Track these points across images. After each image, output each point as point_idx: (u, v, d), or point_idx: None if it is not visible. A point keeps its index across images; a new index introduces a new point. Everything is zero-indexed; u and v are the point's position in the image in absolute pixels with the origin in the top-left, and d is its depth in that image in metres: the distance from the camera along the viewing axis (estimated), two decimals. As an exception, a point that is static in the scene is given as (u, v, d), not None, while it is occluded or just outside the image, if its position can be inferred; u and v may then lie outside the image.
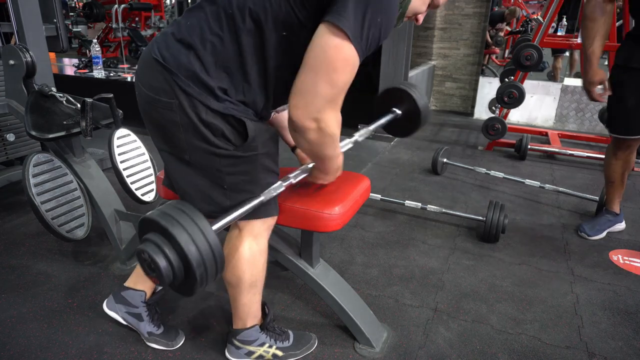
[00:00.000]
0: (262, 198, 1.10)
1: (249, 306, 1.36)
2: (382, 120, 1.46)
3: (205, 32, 0.98)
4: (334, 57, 0.90)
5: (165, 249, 0.86)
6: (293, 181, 1.18)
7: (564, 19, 4.98)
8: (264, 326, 1.41)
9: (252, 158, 1.09)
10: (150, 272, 0.89)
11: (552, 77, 5.07)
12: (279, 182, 1.15)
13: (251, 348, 1.40)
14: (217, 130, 1.03)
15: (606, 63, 3.84)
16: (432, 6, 1.10)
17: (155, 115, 1.07)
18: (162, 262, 0.86)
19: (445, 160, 3.20)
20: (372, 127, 1.42)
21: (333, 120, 0.99)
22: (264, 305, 1.43)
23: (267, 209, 1.20)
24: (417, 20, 1.10)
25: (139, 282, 1.47)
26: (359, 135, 1.34)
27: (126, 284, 1.48)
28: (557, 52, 5.04)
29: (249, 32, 0.97)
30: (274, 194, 1.14)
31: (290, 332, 1.49)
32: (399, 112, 1.50)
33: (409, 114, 1.50)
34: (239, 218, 1.06)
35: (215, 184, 1.12)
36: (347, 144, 1.30)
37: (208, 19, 0.98)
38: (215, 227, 0.96)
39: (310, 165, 1.23)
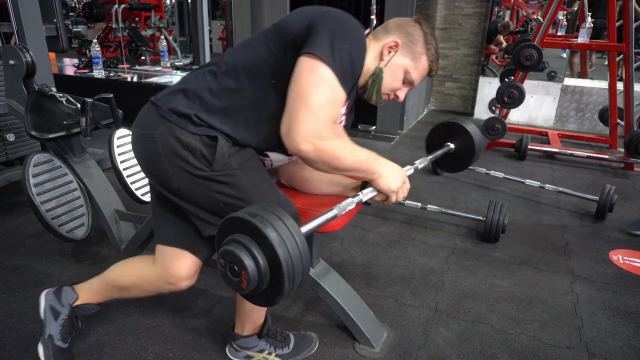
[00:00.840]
0: (335, 212, 1.01)
1: (250, 311, 1.35)
2: (439, 152, 1.45)
3: (199, 81, 1.08)
4: (310, 76, 0.97)
5: (254, 250, 0.78)
6: (363, 199, 1.11)
7: (564, 20, 4.97)
8: (261, 335, 1.41)
9: (229, 177, 1.06)
10: (233, 276, 0.80)
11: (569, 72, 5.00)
12: (350, 199, 1.08)
13: (250, 353, 1.40)
14: (195, 150, 1.04)
15: (606, 63, 3.84)
16: (407, 82, 1.16)
17: (141, 149, 1.11)
18: (249, 263, 0.77)
19: (445, 160, 3.20)
20: (430, 157, 1.41)
21: (326, 133, 0.99)
22: (266, 315, 1.41)
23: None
24: (397, 97, 1.18)
25: (82, 289, 1.39)
26: (419, 163, 1.33)
27: (74, 284, 1.41)
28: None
29: (239, 88, 1.05)
30: (347, 209, 1.06)
31: (292, 336, 1.48)
32: (452, 146, 1.48)
33: (462, 149, 1.48)
34: (325, 222, 1.00)
35: (212, 205, 1.10)
36: (409, 169, 1.27)
37: (204, 74, 1.09)
38: (304, 229, 0.89)
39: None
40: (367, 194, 1.13)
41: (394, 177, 1.12)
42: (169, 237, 1.20)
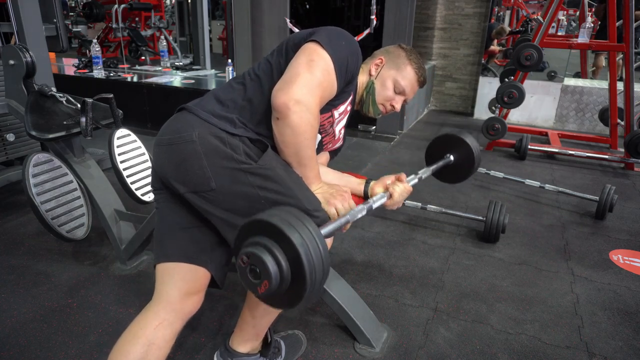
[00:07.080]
0: (347, 217, 1.01)
1: (253, 326, 1.33)
2: (440, 163, 1.49)
3: (228, 91, 1.16)
4: (311, 52, 1.08)
5: (276, 251, 0.77)
6: (374, 205, 1.14)
7: (564, 20, 4.97)
8: (266, 354, 1.39)
9: (274, 172, 1.07)
10: (254, 279, 0.78)
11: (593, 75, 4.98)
12: (361, 206, 1.09)
13: None
14: (238, 148, 1.07)
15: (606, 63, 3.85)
16: (399, 91, 1.29)
17: (175, 153, 1.07)
18: (272, 266, 0.76)
19: (445, 160, 3.20)
20: (432, 167, 1.46)
21: (314, 105, 1.04)
22: (268, 331, 1.39)
23: None
24: (393, 107, 1.31)
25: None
26: (422, 173, 1.38)
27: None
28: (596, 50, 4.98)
29: (263, 92, 1.13)
30: (358, 215, 1.07)
31: (282, 343, 1.47)
32: (452, 158, 1.52)
33: (461, 161, 1.52)
34: (341, 226, 0.99)
35: (253, 203, 1.06)
36: (412, 179, 1.31)
37: (232, 85, 1.18)
38: (324, 231, 0.88)
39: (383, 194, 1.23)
40: (377, 201, 1.17)
41: (324, 195, 1.15)
42: (186, 253, 1.14)
